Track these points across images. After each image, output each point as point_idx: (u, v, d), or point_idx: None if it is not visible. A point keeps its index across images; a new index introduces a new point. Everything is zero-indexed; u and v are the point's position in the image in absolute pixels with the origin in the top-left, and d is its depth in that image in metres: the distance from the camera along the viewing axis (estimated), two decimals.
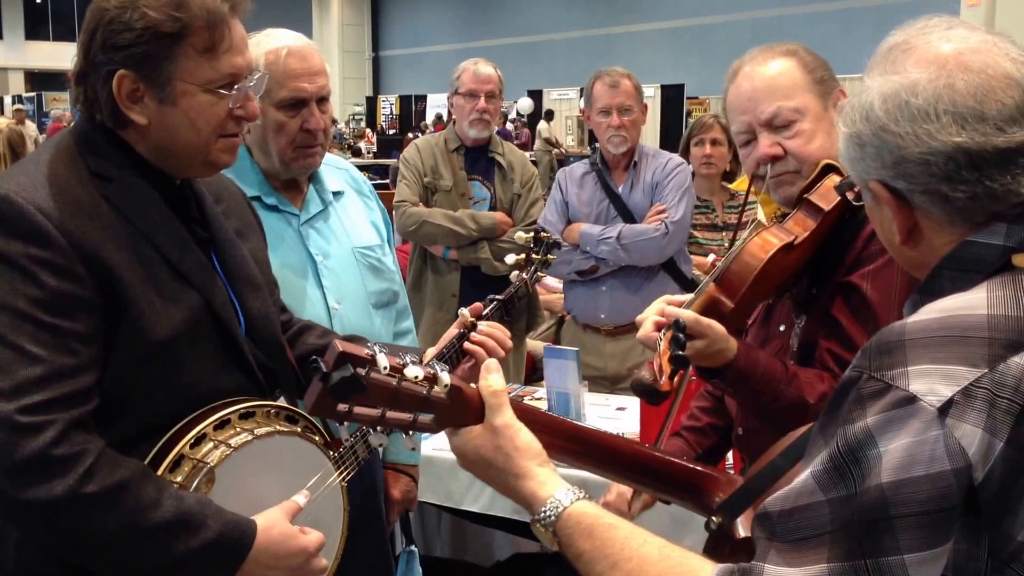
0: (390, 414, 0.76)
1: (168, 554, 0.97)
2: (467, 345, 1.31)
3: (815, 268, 1.20)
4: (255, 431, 1.07)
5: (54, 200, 0.98)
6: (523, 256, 1.46)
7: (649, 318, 1.16)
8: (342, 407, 0.75)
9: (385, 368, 0.73)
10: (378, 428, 0.78)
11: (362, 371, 0.73)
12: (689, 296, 1.20)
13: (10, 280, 0.95)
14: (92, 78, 1.03)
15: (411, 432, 0.79)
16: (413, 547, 1.72)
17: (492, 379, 0.80)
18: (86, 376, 0.97)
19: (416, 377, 0.75)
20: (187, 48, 1.01)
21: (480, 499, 1.97)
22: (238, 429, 1.06)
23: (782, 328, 1.25)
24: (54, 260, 0.96)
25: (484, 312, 1.35)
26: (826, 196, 1.17)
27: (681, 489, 0.92)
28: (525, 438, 0.79)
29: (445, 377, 0.77)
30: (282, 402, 1.15)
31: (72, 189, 1.01)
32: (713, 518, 0.86)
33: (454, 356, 1.31)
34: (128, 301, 1.00)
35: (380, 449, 1.49)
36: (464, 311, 1.32)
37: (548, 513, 0.75)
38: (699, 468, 0.94)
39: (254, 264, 1.19)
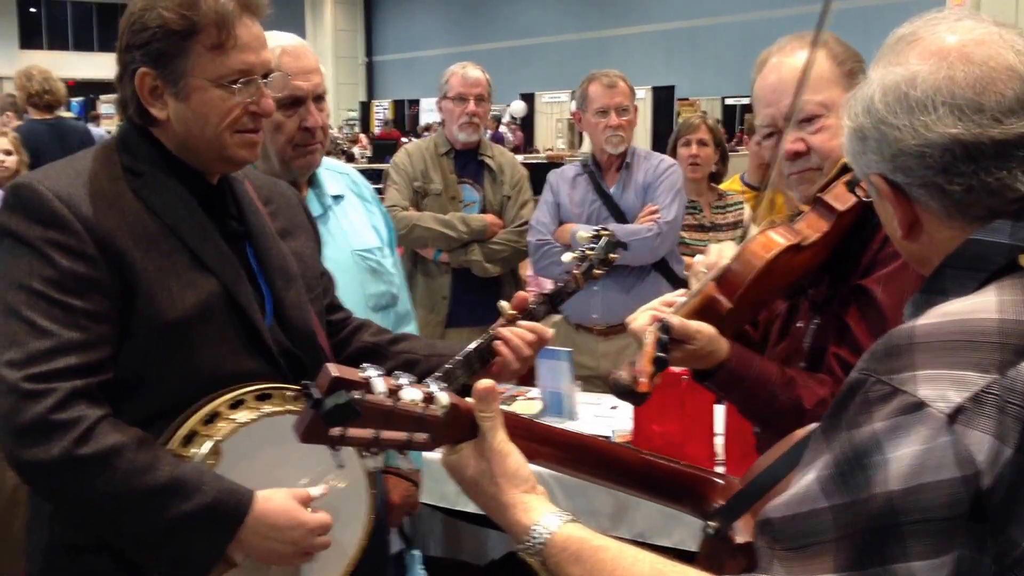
0: (384, 435, 0.75)
1: (161, 517, 1.00)
2: (500, 330, 1.29)
3: (834, 269, 1.16)
4: (265, 410, 1.09)
5: (76, 189, 1.06)
6: (579, 253, 1.44)
7: (647, 312, 1.13)
8: (335, 432, 0.72)
9: (382, 392, 0.72)
10: (372, 450, 0.76)
11: (357, 395, 0.71)
12: (682, 294, 1.17)
13: (29, 261, 1.03)
14: (124, 79, 1.11)
15: (405, 452, 0.78)
16: (416, 551, 1.72)
17: (486, 405, 0.78)
18: (94, 351, 1.03)
19: (413, 400, 0.73)
20: (197, 45, 1.07)
21: None
22: (252, 408, 1.09)
23: (799, 325, 1.22)
24: (69, 243, 1.03)
25: (529, 306, 1.34)
26: (841, 196, 1.13)
27: (678, 494, 0.91)
28: (512, 465, 0.77)
29: (443, 398, 0.75)
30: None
31: (98, 180, 1.08)
32: (710, 523, 0.85)
33: (488, 350, 1.30)
34: (140, 284, 1.06)
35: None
36: (503, 304, 1.31)
37: (534, 540, 0.74)
38: (696, 473, 0.93)
39: (292, 259, 1.22)
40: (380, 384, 0.72)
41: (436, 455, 0.82)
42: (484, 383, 0.79)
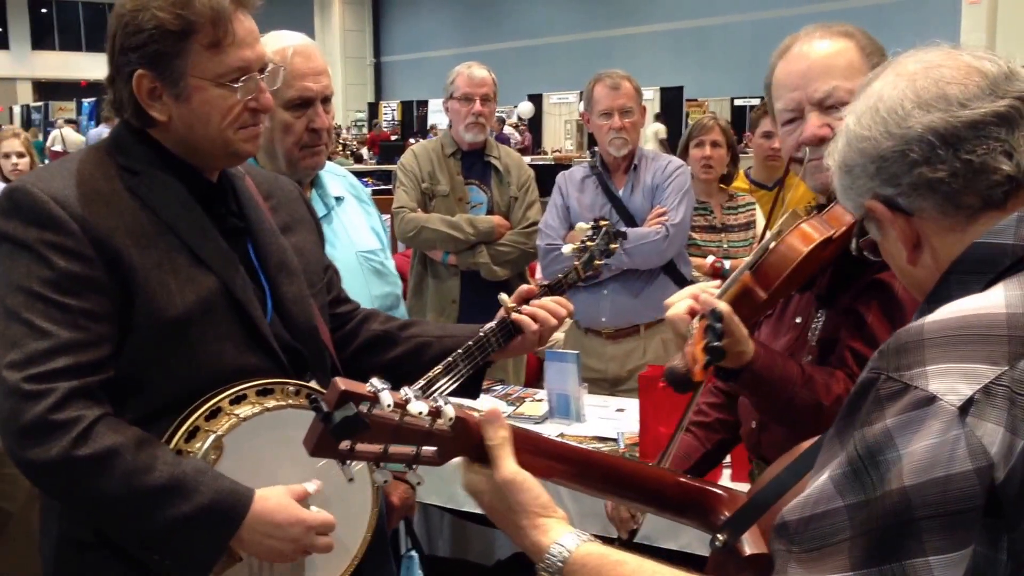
0: (393, 449, 0.76)
1: (160, 517, 1.01)
2: (516, 316, 1.32)
3: (840, 263, 1.15)
4: (266, 404, 1.10)
5: (70, 190, 1.06)
6: (579, 244, 1.43)
7: (683, 301, 1.12)
8: (344, 445, 0.74)
9: (389, 405, 0.72)
10: (380, 464, 0.77)
11: (364, 408, 0.72)
12: (716, 286, 1.16)
13: (27, 263, 1.04)
14: (118, 81, 1.11)
15: (413, 466, 0.78)
16: (413, 552, 1.73)
17: (493, 431, 0.79)
18: (93, 350, 1.03)
19: (420, 413, 0.74)
20: (194, 44, 1.07)
21: None
22: (253, 403, 1.10)
23: (798, 321, 1.22)
24: (65, 244, 1.04)
25: (531, 300, 1.35)
26: None
27: (684, 508, 0.91)
28: (527, 494, 0.78)
29: (449, 411, 0.76)
30: (313, 384, 1.17)
31: (93, 181, 1.08)
32: (718, 535, 0.84)
33: (495, 340, 1.32)
34: (138, 282, 1.06)
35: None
36: (504, 296, 1.33)
37: (553, 559, 0.75)
38: (702, 486, 0.93)
39: (293, 254, 1.23)
40: (387, 397, 0.73)
41: None
42: (489, 409, 0.80)
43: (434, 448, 0.77)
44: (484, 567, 2.28)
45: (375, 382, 0.73)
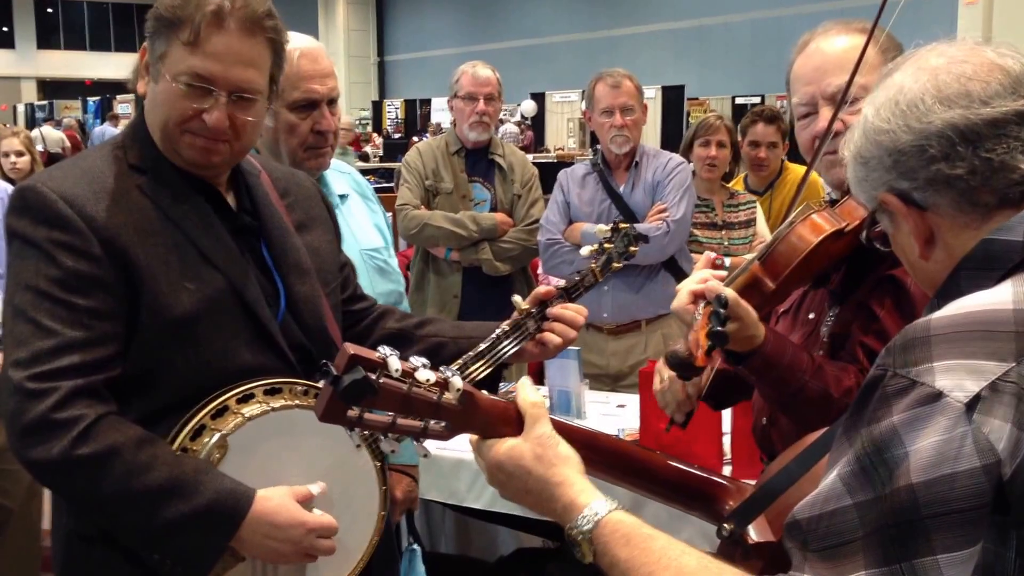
0: (401, 420, 0.76)
1: (160, 517, 1.02)
2: (540, 336, 1.32)
3: (855, 258, 1.16)
4: (273, 404, 1.10)
5: (80, 189, 1.07)
6: (597, 246, 1.43)
7: (686, 289, 1.13)
8: (352, 412, 0.74)
9: (397, 371, 0.73)
10: (388, 435, 0.77)
11: (373, 375, 0.72)
12: (721, 277, 1.16)
13: (35, 262, 1.05)
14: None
15: (422, 439, 0.78)
16: (416, 546, 1.74)
17: (528, 392, 0.81)
18: (98, 349, 1.04)
19: (427, 381, 0.74)
20: (175, 37, 1.09)
21: (482, 497, 1.99)
22: (260, 402, 1.10)
23: (811, 316, 1.22)
24: (73, 243, 1.05)
25: (550, 303, 1.35)
26: None
27: (691, 497, 0.91)
28: (565, 448, 0.80)
29: (457, 382, 0.76)
30: (321, 384, 1.17)
31: (103, 179, 1.10)
32: (725, 524, 0.84)
33: (508, 342, 1.31)
34: (144, 281, 1.07)
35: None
36: (517, 298, 1.33)
37: (586, 520, 0.75)
38: (710, 476, 0.93)
39: (306, 252, 1.23)
40: (396, 363, 0.73)
41: (444, 452, 0.82)
42: (524, 378, 0.82)
43: (443, 423, 0.77)
44: (486, 563, 2.29)
45: (384, 348, 0.73)
